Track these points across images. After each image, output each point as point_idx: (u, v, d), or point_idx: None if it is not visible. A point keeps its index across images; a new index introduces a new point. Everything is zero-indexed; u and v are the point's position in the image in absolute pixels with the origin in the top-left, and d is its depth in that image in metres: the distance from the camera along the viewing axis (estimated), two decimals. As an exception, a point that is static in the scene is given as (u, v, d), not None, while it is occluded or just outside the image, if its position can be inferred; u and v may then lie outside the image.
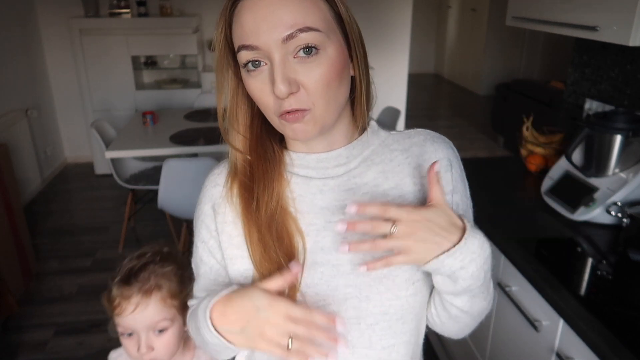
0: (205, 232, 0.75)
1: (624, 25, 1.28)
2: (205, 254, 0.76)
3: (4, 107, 3.52)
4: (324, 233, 0.70)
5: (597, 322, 1.06)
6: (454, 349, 1.89)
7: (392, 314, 0.69)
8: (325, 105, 0.62)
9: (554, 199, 1.58)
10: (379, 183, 0.70)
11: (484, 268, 0.62)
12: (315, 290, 0.69)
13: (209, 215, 0.74)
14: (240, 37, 0.61)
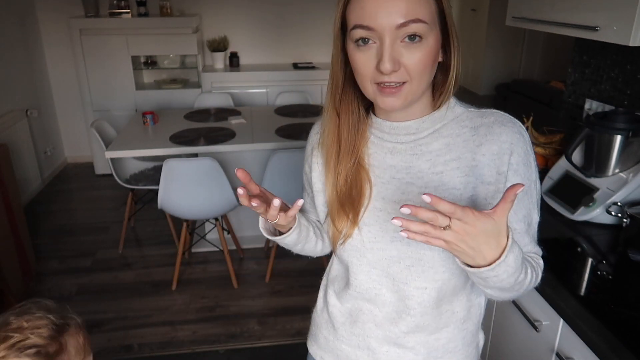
0: (306, 166, 0.95)
1: (624, 25, 1.28)
2: (306, 183, 0.96)
3: (4, 107, 3.52)
4: (387, 185, 0.84)
5: (597, 322, 1.06)
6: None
7: (425, 261, 0.81)
8: (417, 85, 0.74)
9: (554, 199, 1.58)
10: (442, 153, 0.81)
11: (514, 276, 0.69)
12: (369, 229, 0.84)
13: (308, 153, 0.94)
14: (358, 16, 0.72)
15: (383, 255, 0.84)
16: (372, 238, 0.84)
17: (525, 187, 0.76)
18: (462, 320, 0.89)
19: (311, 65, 4.35)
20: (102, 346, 2.31)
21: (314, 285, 1.07)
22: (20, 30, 3.86)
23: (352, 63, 0.76)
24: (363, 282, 0.87)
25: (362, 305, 0.90)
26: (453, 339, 0.89)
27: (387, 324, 0.88)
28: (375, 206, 0.84)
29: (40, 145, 4.05)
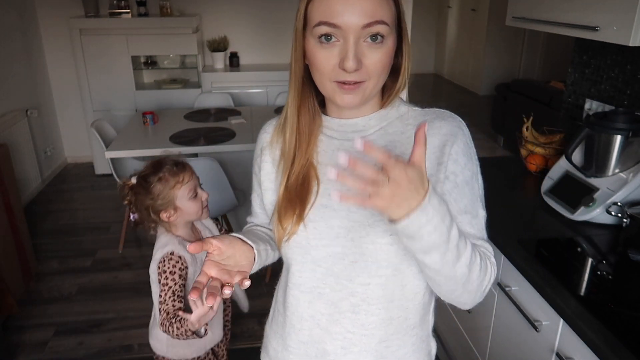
0: (255, 166, 0.95)
1: (624, 25, 1.28)
2: (255, 183, 0.96)
3: (4, 107, 3.52)
4: (334, 183, 0.83)
5: (597, 322, 1.06)
6: (454, 349, 1.89)
7: (368, 255, 0.81)
8: (375, 84, 0.77)
9: (554, 199, 1.58)
10: (389, 149, 0.83)
11: (444, 222, 0.66)
12: (315, 225, 0.84)
13: (258, 154, 0.94)
14: (324, 13, 0.73)
15: (327, 252, 0.83)
16: (317, 235, 0.84)
17: (466, 176, 0.81)
18: (412, 327, 0.88)
19: (311, 65, 4.35)
20: (102, 346, 2.31)
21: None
22: (20, 30, 3.86)
23: (311, 59, 0.77)
24: (307, 280, 0.86)
25: (304, 310, 0.88)
26: (403, 345, 0.88)
27: (333, 325, 0.86)
28: (321, 203, 0.85)
29: (40, 145, 4.05)
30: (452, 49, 8.19)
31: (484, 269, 0.75)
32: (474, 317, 1.67)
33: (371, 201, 0.61)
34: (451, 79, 8.32)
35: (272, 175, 0.91)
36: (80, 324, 2.45)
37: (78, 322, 2.47)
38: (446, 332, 1.95)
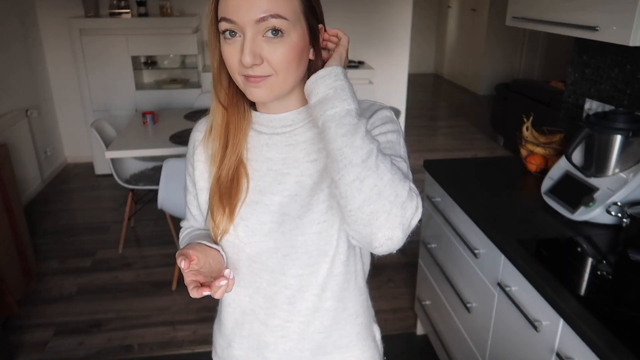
0: (189, 166, 0.94)
1: (624, 25, 1.28)
2: (190, 184, 0.95)
3: (4, 107, 3.52)
4: (265, 178, 0.86)
5: (597, 322, 1.06)
6: (454, 349, 1.89)
7: (298, 247, 0.83)
8: (283, 78, 0.77)
9: (554, 199, 1.58)
10: (316, 142, 0.85)
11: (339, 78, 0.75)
12: (247, 223, 0.85)
13: (191, 153, 0.93)
14: (223, 9, 0.74)
15: (261, 247, 0.85)
16: (250, 232, 0.85)
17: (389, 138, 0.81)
18: (355, 316, 0.92)
19: (311, 65, 4.35)
20: (102, 346, 2.31)
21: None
22: (20, 30, 3.86)
23: (222, 55, 0.78)
24: (245, 275, 0.88)
25: (245, 305, 0.91)
26: (346, 335, 0.92)
27: (271, 318, 0.90)
28: (252, 199, 0.85)
29: (40, 145, 4.05)
30: (452, 49, 8.19)
31: (400, 179, 0.69)
32: (474, 317, 1.67)
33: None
34: (451, 79, 8.32)
35: (206, 175, 0.91)
36: (80, 324, 2.45)
37: (78, 322, 2.47)
38: (446, 332, 1.95)
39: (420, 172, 4.26)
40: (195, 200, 0.94)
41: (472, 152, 4.89)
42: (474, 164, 2.03)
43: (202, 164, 0.91)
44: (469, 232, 1.65)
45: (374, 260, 0.95)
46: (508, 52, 7.10)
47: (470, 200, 1.66)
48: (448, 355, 1.93)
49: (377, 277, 2.79)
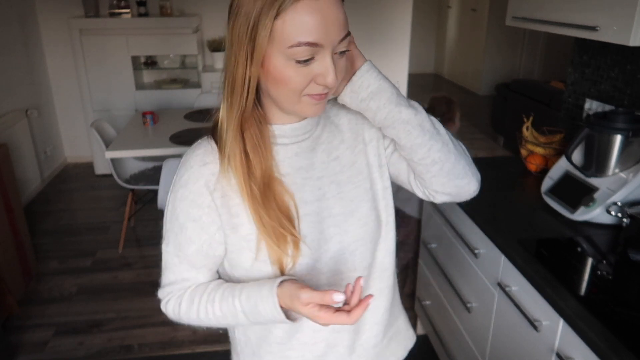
0: (196, 211, 0.80)
1: (624, 25, 1.28)
2: (196, 232, 0.81)
3: (4, 107, 3.52)
4: (304, 188, 0.83)
5: (597, 322, 1.06)
6: (454, 348, 1.89)
7: (359, 239, 0.86)
8: (331, 91, 0.76)
9: (554, 199, 1.58)
10: (331, 140, 0.87)
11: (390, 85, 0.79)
12: (311, 238, 0.82)
13: (200, 193, 0.80)
14: (302, 31, 0.67)
15: (331, 255, 0.85)
16: (316, 245, 0.83)
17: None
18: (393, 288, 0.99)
19: (311, 65, 4.35)
20: (102, 346, 2.31)
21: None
22: (20, 31, 3.86)
23: (278, 76, 0.71)
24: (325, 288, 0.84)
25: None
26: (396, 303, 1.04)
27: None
28: (304, 213, 0.82)
29: (40, 145, 4.05)
30: (452, 49, 8.19)
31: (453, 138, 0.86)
32: (474, 317, 1.67)
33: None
34: (451, 79, 8.32)
35: (237, 208, 0.80)
36: (80, 324, 2.45)
37: (78, 322, 2.47)
38: (446, 332, 1.95)
39: (420, 172, 4.28)
40: (206, 247, 0.82)
41: (472, 152, 4.88)
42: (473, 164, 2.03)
43: (227, 198, 0.80)
44: (469, 232, 1.65)
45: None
46: (508, 52, 7.10)
47: (470, 200, 1.65)
48: (448, 355, 1.93)
49: (377, 277, 2.79)
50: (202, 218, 0.80)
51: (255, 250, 0.80)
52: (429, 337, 2.21)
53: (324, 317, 0.71)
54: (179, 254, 0.83)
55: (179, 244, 0.82)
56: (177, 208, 0.81)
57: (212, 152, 0.80)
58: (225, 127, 0.77)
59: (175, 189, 0.83)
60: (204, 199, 0.80)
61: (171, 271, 0.85)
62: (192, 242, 0.82)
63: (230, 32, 0.71)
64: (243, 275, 0.83)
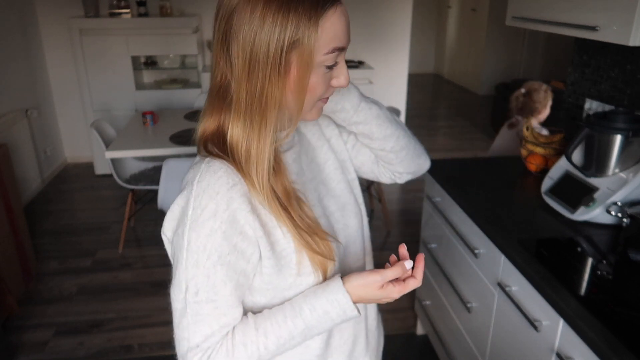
0: (231, 242, 0.71)
1: (624, 25, 1.28)
2: (232, 266, 0.72)
3: (4, 107, 3.52)
4: (307, 193, 0.82)
5: (597, 322, 1.06)
6: (454, 349, 1.89)
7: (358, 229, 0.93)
8: None
9: (554, 199, 1.58)
10: (302, 143, 0.89)
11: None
12: (344, 234, 0.87)
13: (235, 219, 0.71)
14: (336, 39, 0.70)
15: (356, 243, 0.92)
16: (346, 238, 0.89)
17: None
18: None
19: (311, 65, 4.35)
20: (102, 346, 2.31)
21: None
22: (20, 31, 3.86)
23: (306, 86, 0.70)
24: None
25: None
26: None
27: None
28: (321, 214, 0.83)
29: (40, 145, 4.05)
30: (452, 49, 8.19)
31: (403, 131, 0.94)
32: (474, 317, 1.67)
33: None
34: (451, 79, 8.32)
35: (274, 222, 0.75)
36: (80, 324, 2.45)
37: (78, 322, 2.47)
38: (446, 332, 1.95)
39: (420, 172, 4.27)
40: (244, 279, 0.75)
41: (472, 152, 4.89)
42: (474, 164, 2.03)
43: (263, 218, 0.74)
44: (469, 232, 1.65)
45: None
46: (508, 52, 7.10)
47: (470, 200, 1.66)
48: (448, 355, 1.93)
49: (377, 277, 2.79)
50: (238, 246, 0.72)
51: (297, 264, 0.76)
52: (429, 337, 2.21)
53: (398, 290, 0.77)
54: (214, 300, 0.72)
55: (213, 288, 0.71)
56: (207, 246, 0.70)
57: (233, 172, 0.72)
58: (257, 157, 0.71)
59: (198, 224, 0.70)
60: (241, 225, 0.71)
61: (206, 324, 0.72)
62: (230, 279, 0.72)
63: (247, 51, 0.67)
64: (275, 296, 0.78)
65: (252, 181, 0.72)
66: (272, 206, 0.73)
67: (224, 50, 0.70)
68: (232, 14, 0.67)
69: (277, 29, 0.66)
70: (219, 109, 0.74)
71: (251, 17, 0.66)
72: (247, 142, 0.71)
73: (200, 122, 0.76)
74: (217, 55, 0.72)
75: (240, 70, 0.69)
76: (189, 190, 0.71)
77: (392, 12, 4.50)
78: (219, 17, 0.70)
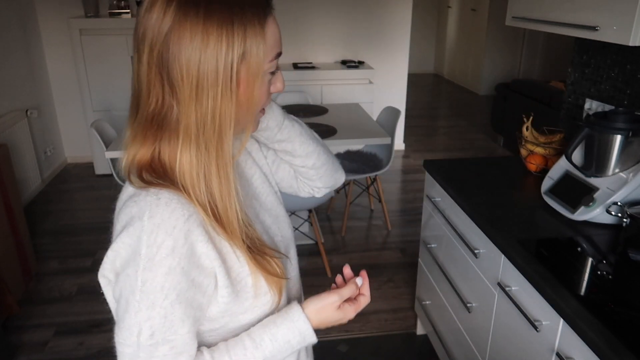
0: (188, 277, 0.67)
1: (624, 25, 1.28)
2: (190, 302, 0.68)
3: (4, 107, 3.52)
4: (248, 204, 0.83)
5: (597, 322, 1.06)
6: (454, 349, 1.89)
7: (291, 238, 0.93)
8: None
9: (554, 198, 1.58)
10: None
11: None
12: (284, 246, 0.87)
13: (194, 253, 0.67)
14: (277, 44, 0.70)
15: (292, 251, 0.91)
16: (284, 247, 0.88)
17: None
18: None
19: (311, 65, 4.35)
20: (102, 346, 2.31)
21: (313, 285, 1.08)
22: (20, 31, 3.86)
23: (253, 97, 0.69)
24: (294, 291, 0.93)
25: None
26: None
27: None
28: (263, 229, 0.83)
29: (40, 145, 4.05)
30: (452, 49, 8.19)
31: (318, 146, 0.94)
32: (474, 317, 1.67)
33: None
34: (451, 79, 8.32)
35: (229, 247, 0.72)
36: (80, 324, 2.45)
37: (78, 322, 2.47)
38: (446, 332, 1.95)
39: (420, 172, 4.26)
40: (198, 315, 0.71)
41: (472, 152, 4.89)
42: (474, 164, 2.03)
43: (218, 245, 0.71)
44: (469, 232, 1.65)
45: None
46: (508, 52, 7.10)
47: (470, 200, 1.66)
48: (448, 355, 1.93)
49: (377, 277, 2.79)
50: (196, 281, 0.68)
51: (252, 287, 0.74)
52: (429, 337, 2.21)
53: (354, 309, 0.79)
54: (171, 340, 0.67)
55: (171, 328, 0.67)
56: (165, 285, 0.65)
57: (187, 202, 0.67)
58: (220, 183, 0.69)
59: (154, 263, 0.65)
60: (198, 257, 0.67)
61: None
62: (188, 316, 0.68)
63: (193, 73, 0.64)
64: (231, 321, 0.75)
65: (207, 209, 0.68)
66: (226, 232, 0.70)
67: (162, 75, 0.65)
68: (168, 36, 0.64)
69: (223, 45, 0.63)
70: (153, 136, 0.68)
71: (192, 37, 0.63)
72: (205, 168, 0.67)
73: (128, 151, 0.70)
74: (151, 80, 0.66)
75: (187, 93, 0.65)
76: (139, 227, 0.66)
77: (392, 12, 4.50)
78: (147, 41, 0.66)
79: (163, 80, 0.66)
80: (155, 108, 0.67)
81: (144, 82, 0.67)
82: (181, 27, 0.63)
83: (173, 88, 0.65)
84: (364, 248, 3.12)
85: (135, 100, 0.70)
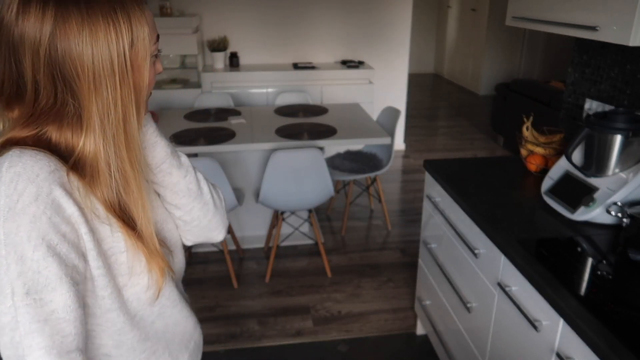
0: (58, 230, 0.63)
1: (624, 25, 1.28)
2: (63, 264, 0.63)
3: (4, 107, 3.52)
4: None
5: (597, 322, 1.06)
6: (454, 349, 1.89)
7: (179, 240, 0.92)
8: None
9: (554, 199, 1.58)
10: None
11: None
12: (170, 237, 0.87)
13: (62, 204, 0.64)
14: (154, 28, 0.73)
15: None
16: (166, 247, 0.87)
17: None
18: None
19: (311, 65, 4.35)
20: (102, 346, 2.30)
21: (313, 285, 1.07)
22: (20, 30, 3.85)
23: (145, 80, 0.71)
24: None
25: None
26: None
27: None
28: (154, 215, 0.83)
29: (40, 145, 4.04)
30: (452, 49, 8.19)
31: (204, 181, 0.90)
32: (474, 317, 1.67)
33: None
34: (451, 79, 8.32)
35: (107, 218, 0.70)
36: (80, 324, 2.45)
37: (78, 322, 2.46)
38: (446, 332, 1.95)
39: (420, 172, 4.26)
40: (80, 276, 0.66)
41: (472, 152, 4.89)
42: (474, 164, 2.03)
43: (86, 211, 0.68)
44: (469, 232, 1.65)
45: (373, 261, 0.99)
46: (508, 52, 7.10)
47: (470, 200, 1.66)
48: (448, 355, 1.93)
49: (377, 277, 2.79)
50: (68, 237, 0.64)
51: (127, 265, 0.72)
52: (429, 337, 2.21)
53: None
54: (48, 302, 0.61)
55: (47, 285, 0.61)
56: (32, 235, 0.60)
57: (52, 158, 0.65)
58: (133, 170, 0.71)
59: (16, 212, 0.60)
60: (68, 214, 0.64)
61: (44, 334, 0.61)
62: (66, 275, 0.63)
63: (88, 67, 0.64)
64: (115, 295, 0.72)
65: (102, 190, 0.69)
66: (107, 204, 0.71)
67: (53, 74, 0.65)
68: (53, 36, 0.63)
69: (112, 35, 0.65)
70: (35, 124, 0.68)
71: (79, 32, 0.63)
72: (115, 156, 0.68)
73: (3, 137, 0.69)
74: (40, 81, 0.65)
75: (86, 87, 0.65)
76: None
77: (392, 12, 4.50)
78: (26, 45, 0.64)
79: (55, 79, 0.65)
80: (45, 106, 0.67)
81: (28, 84, 0.66)
82: (65, 24, 0.63)
83: (68, 84, 0.66)
84: (364, 248, 3.12)
85: (7, 98, 0.68)
